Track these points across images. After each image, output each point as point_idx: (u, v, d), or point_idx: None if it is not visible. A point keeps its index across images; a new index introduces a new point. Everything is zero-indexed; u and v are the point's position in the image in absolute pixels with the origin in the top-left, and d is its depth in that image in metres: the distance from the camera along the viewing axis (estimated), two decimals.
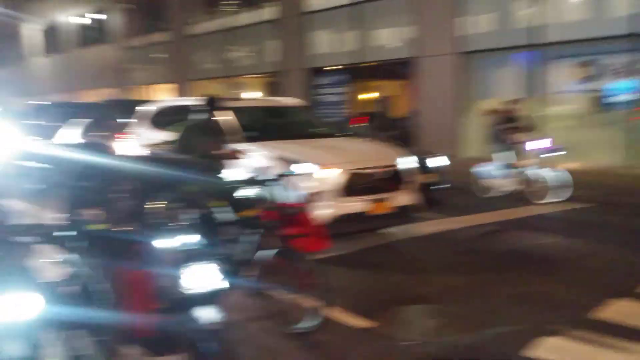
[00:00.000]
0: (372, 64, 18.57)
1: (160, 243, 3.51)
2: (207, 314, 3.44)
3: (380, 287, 5.98)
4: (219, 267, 3.71)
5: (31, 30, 37.99)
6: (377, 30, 18.50)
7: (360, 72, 18.98)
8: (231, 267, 4.87)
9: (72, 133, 3.99)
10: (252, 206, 4.97)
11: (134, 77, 29.33)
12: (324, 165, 7.05)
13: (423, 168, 9.50)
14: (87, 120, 4.06)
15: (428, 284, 6.03)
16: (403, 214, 7.62)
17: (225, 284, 4.04)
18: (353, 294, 5.72)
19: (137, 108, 11.26)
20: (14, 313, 3.00)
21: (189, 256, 3.50)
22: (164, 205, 3.66)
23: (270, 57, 21.92)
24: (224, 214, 5.22)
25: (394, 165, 7.51)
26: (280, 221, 4.83)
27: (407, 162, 7.79)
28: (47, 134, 12.86)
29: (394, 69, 18.52)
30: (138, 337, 3.68)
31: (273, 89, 22.24)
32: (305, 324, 4.60)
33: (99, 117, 4.16)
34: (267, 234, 4.75)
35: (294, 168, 6.81)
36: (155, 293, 3.58)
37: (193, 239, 3.62)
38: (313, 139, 8.34)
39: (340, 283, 5.84)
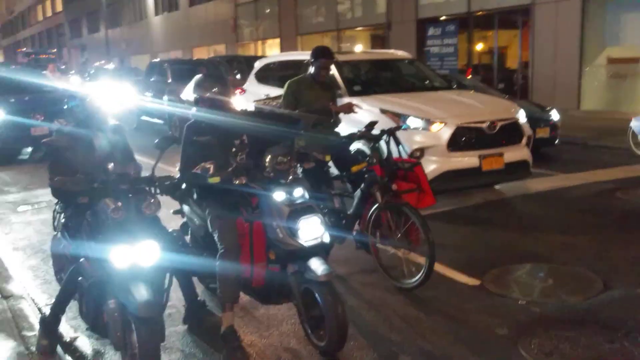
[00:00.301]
0: (485, 12, 17.69)
1: (272, 196, 3.61)
2: (315, 266, 3.51)
3: (489, 244, 5.84)
4: (327, 221, 3.80)
5: None
6: None
7: (472, 22, 18.17)
8: (340, 221, 4.95)
9: (191, 90, 4.13)
10: (361, 161, 4.98)
11: (244, 33, 29.91)
12: (433, 119, 6.85)
13: (537, 122, 9.06)
14: (201, 76, 4.19)
15: (540, 242, 5.81)
16: (515, 171, 7.30)
17: (335, 237, 4.14)
18: (460, 250, 5.64)
19: (246, 64, 11.58)
20: (142, 259, 3.24)
21: (299, 209, 3.59)
22: (276, 159, 3.73)
23: (379, 9, 21.51)
24: (334, 168, 5.27)
25: (506, 120, 7.17)
26: (389, 176, 4.80)
27: (519, 116, 7.41)
28: (165, 90, 13.54)
29: (509, 18, 17.56)
30: (250, 286, 3.86)
31: (381, 42, 21.87)
32: (412, 279, 4.60)
33: (213, 74, 4.29)
34: (376, 188, 4.73)
35: (402, 122, 6.70)
36: (267, 244, 3.72)
37: (304, 192, 3.70)
38: (422, 92, 8.11)
39: (448, 239, 5.77)
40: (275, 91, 8.45)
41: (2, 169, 10.56)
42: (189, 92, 12.10)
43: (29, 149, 12.15)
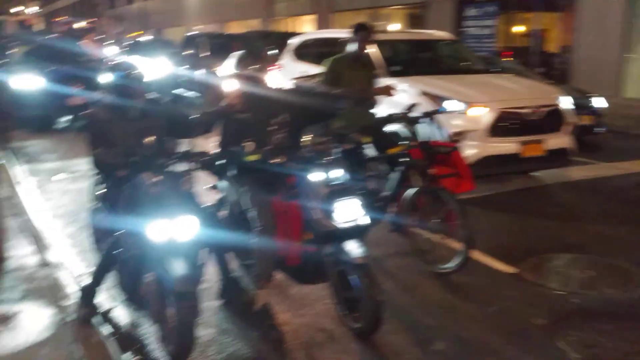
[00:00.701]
0: None
1: (310, 176, 3.58)
2: (352, 248, 3.48)
3: (525, 232, 5.74)
4: (364, 202, 3.75)
5: None
6: None
7: (513, 3, 17.71)
8: (377, 203, 4.89)
9: (231, 65, 4.09)
10: (399, 143, 4.90)
11: (279, 8, 29.70)
12: (473, 102, 6.68)
13: (579, 109, 8.82)
14: (243, 53, 4.14)
15: (579, 232, 5.69)
16: (556, 158, 7.13)
17: (370, 219, 4.09)
18: (497, 237, 5.55)
19: (286, 40, 11.43)
20: (179, 234, 3.24)
21: (336, 190, 3.54)
22: (314, 139, 3.69)
23: None
24: (371, 150, 5.20)
25: (549, 105, 6.97)
26: (427, 159, 4.72)
27: (562, 102, 7.22)
28: (200, 63, 13.54)
29: (550, 0, 17.07)
30: (285, 264, 3.85)
31: (417, 21, 21.49)
32: (447, 264, 4.54)
33: (252, 50, 4.23)
34: (414, 171, 4.67)
35: (442, 105, 6.58)
36: (303, 224, 3.69)
37: (341, 173, 3.65)
38: (462, 75, 7.93)
39: (485, 225, 5.68)
40: (313, 68, 8.35)
41: (40, 137, 10.73)
42: (228, 67, 12.09)
43: (67, 118, 12.31)
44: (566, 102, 7.26)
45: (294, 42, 10.31)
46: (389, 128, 5.75)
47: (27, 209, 6.07)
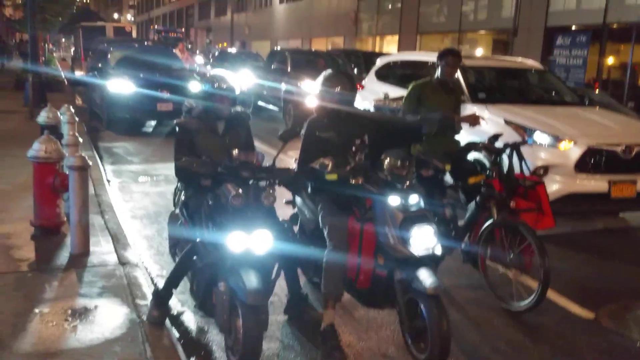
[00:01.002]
0: (622, 25, 16.57)
1: (387, 200, 3.55)
2: (424, 277, 3.42)
3: (607, 275, 5.46)
4: (440, 230, 3.69)
5: None
6: None
7: (606, 34, 17.07)
8: (450, 231, 4.80)
9: (318, 83, 4.13)
10: (480, 172, 4.81)
11: (364, 27, 29.92)
12: (561, 136, 6.38)
13: None
14: (331, 72, 4.16)
15: None
16: None
17: (444, 248, 4.02)
18: (576, 278, 5.31)
19: (363, 59, 11.44)
20: (255, 247, 3.30)
21: (412, 216, 3.50)
22: (394, 163, 3.67)
23: (505, 13, 20.73)
24: (448, 177, 5.12)
25: None
26: (508, 192, 4.60)
27: None
28: (284, 78, 13.78)
29: None
30: (354, 286, 3.83)
31: (504, 47, 21.09)
32: (521, 302, 4.39)
33: (337, 69, 4.27)
34: (493, 203, 4.56)
35: (527, 136, 6.39)
36: (376, 248, 3.67)
37: (418, 199, 3.61)
38: (551, 106, 7.64)
39: (563, 265, 5.45)
40: (395, 90, 8.31)
41: (127, 139, 11.23)
42: (313, 83, 12.27)
43: (154, 123, 12.85)
44: None
45: (378, 63, 10.31)
46: (470, 156, 5.65)
47: (111, 208, 6.36)
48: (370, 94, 8.70)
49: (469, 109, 7.06)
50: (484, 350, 3.95)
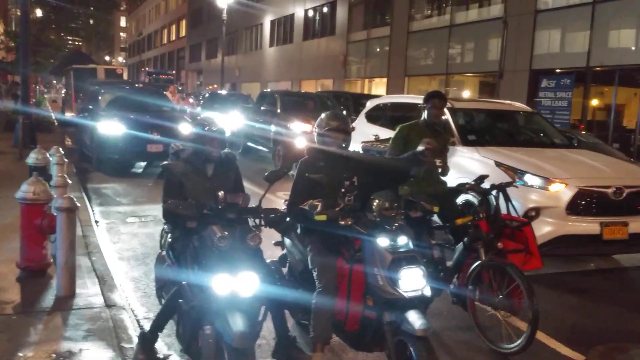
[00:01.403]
0: (605, 68, 16.96)
1: (375, 241, 3.56)
2: (413, 319, 3.40)
3: (596, 317, 5.45)
4: (429, 272, 3.68)
5: (265, 21, 41.28)
6: (615, 31, 16.84)
7: (589, 77, 17.45)
8: (438, 272, 4.80)
9: (303, 125, 4.16)
10: (467, 214, 4.84)
11: (352, 70, 30.41)
12: (552, 178, 6.39)
13: None
14: (328, 113, 4.19)
15: None
16: (639, 243, 6.59)
17: (433, 290, 4.01)
18: (565, 320, 5.30)
19: (352, 101, 11.54)
20: (241, 290, 3.28)
21: (401, 258, 3.50)
22: (383, 204, 3.69)
23: (491, 56, 21.19)
24: (436, 218, 5.14)
25: (635, 187, 6.56)
26: (495, 233, 4.62)
27: None
28: (273, 119, 13.90)
29: (630, 75, 16.73)
30: (343, 328, 3.79)
31: (490, 89, 21.48)
32: (511, 344, 4.36)
33: (333, 111, 4.30)
34: (480, 244, 4.57)
35: (517, 178, 6.42)
36: (365, 289, 3.65)
37: (408, 241, 3.61)
38: (541, 149, 7.73)
39: (552, 306, 5.46)
40: (385, 132, 8.38)
41: (116, 181, 11.21)
42: (302, 125, 12.36)
43: (143, 164, 12.85)
44: None
45: (368, 105, 10.41)
46: (460, 198, 5.66)
47: (99, 249, 6.31)
48: (361, 136, 8.74)
49: (459, 151, 7.14)
50: None
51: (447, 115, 7.58)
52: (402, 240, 3.57)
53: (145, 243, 7.01)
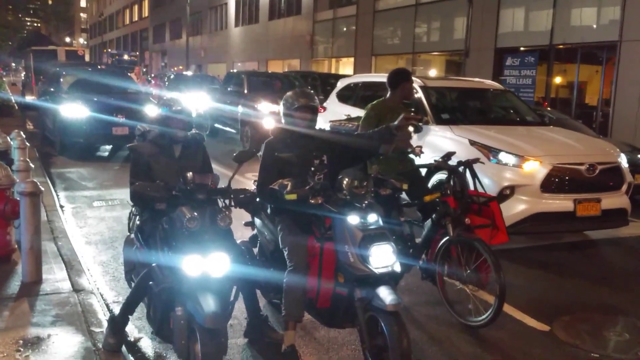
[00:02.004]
0: (568, 46, 17.22)
1: (346, 219, 3.57)
2: (384, 294, 3.44)
3: (561, 289, 5.60)
4: (397, 249, 3.72)
5: (230, 1, 40.66)
6: (577, 9, 17.08)
7: (553, 55, 17.71)
8: (407, 249, 4.86)
9: (270, 105, 4.13)
10: (437, 190, 4.89)
11: (319, 49, 30.25)
12: (527, 156, 6.41)
13: (635, 166, 8.33)
14: (294, 91, 4.16)
15: (617, 292, 5.52)
16: (612, 219, 6.73)
17: (404, 266, 4.05)
18: (531, 292, 5.43)
19: (320, 81, 11.48)
20: (212, 270, 3.27)
21: (371, 235, 3.53)
22: (352, 183, 3.70)
23: (457, 35, 21.30)
24: (407, 196, 5.19)
25: (607, 163, 6.67)
26: (463, 209, 4.67)
27: (621, 160, 6.92)
28: (240, 100, 13.78)
29: (592, 53, 17.03)
30: (315, 306, 3.82)
31: (456, 68, 21.64)
32: (478, 317, 4.46)
33: (299, 90, 4.26)
34: (448, 220, 4.63)
35: (494, 157, 6.46)
36: (336, 267, 3.67)
37: (378, 218, 3.64)
38: (514, 126, 7.74)
39: (519, 279, 5.58)
40: (356, 111, 8.32)
41: (81, 165, 11.00)
42: (269, 105, 12.27)
43: (109, 147, 12.62)
44: (622, 159, 6.97)
45: (339, 84, 10.30)
46: (434, 177, 5.69)
47: (65, 234, 6.20)
48: (332, 116, 8.65)
49: (432, 130, 7.17)
50: None
51: (420, 94, 7.63)
52: (372, 217, 3.60)
53: (113, 227, 6.92)
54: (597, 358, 4.17)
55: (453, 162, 5.00)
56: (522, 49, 18.62)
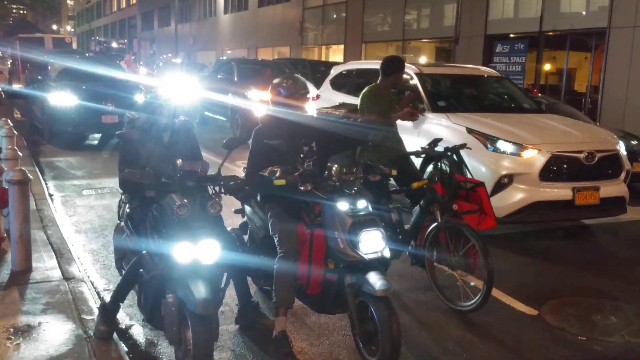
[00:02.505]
0: (557, 33, 17.25)
1: (336, 206, 3.59)
2: (373, 280, 3.46)
3: (549, 273, 5.65)
4: (387, 234, 3.74)
5: None
6: None
7: (542, 42, 17.74)
8: (396, 235, 4.89)
9: (261, 93, 4.11)
10: (426, 177, 4.92)
11: (309, 37, 30.12)
12: (525, 144, 6.31)
13: (633, 154, 8.27)
14: (282, 77, 4.15)
15: (605, 277, 5.58)
16: (610, 207, 6.66)
17: (392, 252, 4.07)
18: (519, 276, 5.48)
19: (310, 68, 11.36)
20: (202, 257, 3.28)
21: (361, 221, 3.55)
22: (341, 169, 3.72)
23: (447, 22, 21.28)
24: (396, 183, 5.21)
25: (606, 151, 6.57)
26: (450, 195, 4.71)
27: (620, 148, 6.84)
28: (231, 88, 13.72)
29: (581, 40, 17.07)
30: (305, 292, 3.85)
31: (446, 55, 21.64)
32: (468, 302, 4.50)
33: (288, 76, 4.24)
34: (436, 207, 4.66)
35: (490, 145, 6.40)
36: (326, 253, 3.69)
37: (367, 204, 3.66)
38: (511, 114, 7.65)
39: (507, 264, 5.64)
40: (350, 99, 8.22)
41: (70, 154, 10.93)
42: (260, 93, 12.21)
43: (99, 136, 12.53)
44: (620, 147, 6.90)
45: (333, 72, 10.17)
46: (429, 168, 5.70)
47: (54, 222, 6.18)
48: (326, 103, 8.52)
49: (429, 118, 7.10)
50: (434, 351, 4.02)
51: (415, 81, 7.55)
52: (362, 203, 3.62)
53: (103, 215, 6.90)
54: (584, 341, 4.23)
55: (440, 149, 5.02)
56: (511, 35, 18.63)
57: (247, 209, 4.32)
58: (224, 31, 39.77)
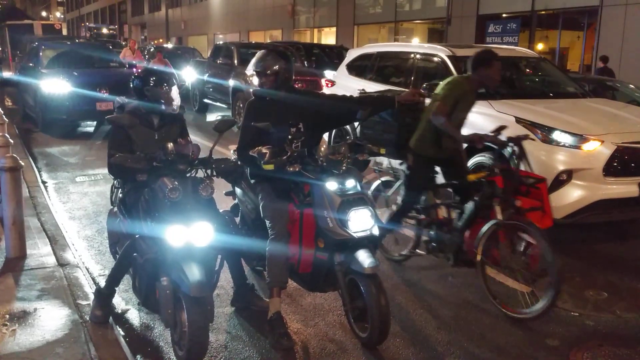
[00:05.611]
0: (549, 12, 17.20)
1: (324, 186, 3.60)
2: (362, 258, 3.50)
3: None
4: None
5: None
6: None
7: (535, 21, 17.69)
8: (445, 233, 4.64)
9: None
10: (480, 170, 4.72)
11: (301, 19, 29.93)
12: (587, 135, 5.52)
13: None
14: (264, 51, 4.10)
15: (596, 253, 5.62)
16: None
17: (383, 230, 4.05)
18: None
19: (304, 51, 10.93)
20: (196, 240, 3.29)
21: (350, 200, 3.57)
22: (331, 149, 3.72)
23: (439, 3, 21.18)
24: (444, 176, 4.86)
25: None
26: (513, 190, 4.28)
27: None
28: (231, 73, 13.45)
29: (573, 19, 17.05)
30: (297, 272, 3.87)
31: (438, 36, 21.56)
32: (528, 308, 4.17)
33: (276, 50, 4.22)
34: (496, 202, 4.26)
35: (541, 136, 5.67)
36: (316, 232, 3.71)
37: (355, 183, 3.67)
38: (559, 100, 6.83)
39: None
40: (373, 86, 7.35)
41: (64, 141, 10.87)
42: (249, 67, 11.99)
43: (94, 124, 12.39)
44: None
45: (350, 55, 9.32)
46: (472, 160, 5.50)
47: (48, 209, 6.17)
48: (343, 90, 7.25)
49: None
50: (429, 329, 4.06)
51: (448, 64, 6.82)
52: (350, 183, 3.64)
53: (97, 201, 6.89)
54: (577, 316, 4.28)
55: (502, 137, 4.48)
56: (504, 15, 18.58)
57: (238, 191, 4.32)
58: (215, 15, 39.43)
